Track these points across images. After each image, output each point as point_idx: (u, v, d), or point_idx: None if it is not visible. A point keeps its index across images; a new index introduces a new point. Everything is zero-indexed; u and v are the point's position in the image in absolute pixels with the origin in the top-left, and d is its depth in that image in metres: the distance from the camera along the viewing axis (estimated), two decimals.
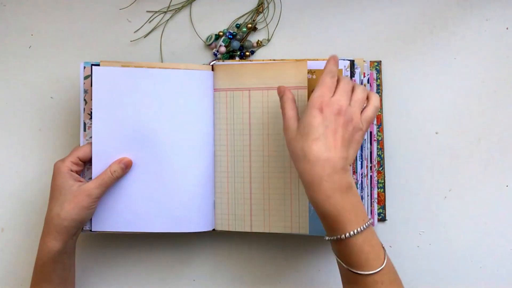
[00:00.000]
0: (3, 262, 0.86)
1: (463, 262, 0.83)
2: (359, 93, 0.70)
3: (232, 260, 0.85)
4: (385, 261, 0.67)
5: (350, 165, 0.68)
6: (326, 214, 0.66)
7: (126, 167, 0.76)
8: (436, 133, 0.84)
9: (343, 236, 0.66)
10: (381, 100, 0.83)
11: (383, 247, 0.68)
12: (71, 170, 0.75)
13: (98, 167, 0.77)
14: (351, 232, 0.66)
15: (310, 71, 0.79)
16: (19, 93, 0.87)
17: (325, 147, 0.66)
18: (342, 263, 0.67)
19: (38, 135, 0.86)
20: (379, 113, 0.83)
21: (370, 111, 0.70)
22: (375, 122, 0.82)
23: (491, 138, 0.83)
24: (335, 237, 0.66)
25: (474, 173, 0.83)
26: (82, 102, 0.79)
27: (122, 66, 0.78)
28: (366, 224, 0.66)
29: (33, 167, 0.86)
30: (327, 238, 0.68)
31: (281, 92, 0.73)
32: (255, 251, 0.84)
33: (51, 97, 0.87)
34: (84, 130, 0.79)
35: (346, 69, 0.78)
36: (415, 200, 0.83)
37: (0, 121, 0.87)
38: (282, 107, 0.71)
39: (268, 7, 0.86)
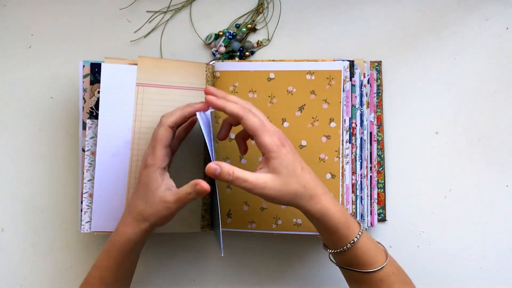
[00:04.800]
0: (3, 262, 0.86)
1: (463, 262, 0.82)
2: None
3: (232, 260, 0.85)
4: (386, 251, 0.70)
5: None
6: (338, 222, 0.67)
7: (199, 193, 0.67)
8: (436, 133, 0.84)
9: (355, 239, 0.68)
10: (381, 100, 0.83)
11: (377, 241, 0.71)
12: (163, 167, 0.70)
13: (102, 163, 0.77)
14: (359, 233, 0.68)
15: (310, 72, 0.79)
16: (19, 93, 0.87)
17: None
18: (352, 269, 0.69)
19: (38, 135, 0.86)
20: (379, 113, 0.83)
21: None
22: (375, 122, 0.82)
23: (491, 138, 0.83)
24: (348, 244, 0.68)
25: (474, 173, 0.83)
26: (81, 101, 0.79)
27: (129, 63, 0.78)
28: (361, 222, 0.70)
29: (33, 167, 0.86)
30: (339, 250, 0.69)
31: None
32: (255, 251, 0.84)
33: (51, 97, 0.87)
34: (84, 128, 0.79)
35: (345, 69, 0.78)
36: (415, 200, 0.83)
37: (0, 121, 0.87)
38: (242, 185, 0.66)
39: (268, 7, 0.86)
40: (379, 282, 0.69)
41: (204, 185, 0.66)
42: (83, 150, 0.79)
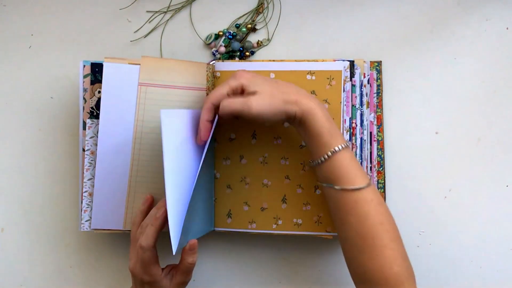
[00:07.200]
0: (3, 262, 0.86)
1: (463, 262, 0.83)
2: None
3: (232, 260, 0.85)
4: (371, 180, 0.70)
5: None
6: (322, 126, 0.69)
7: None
8: (436, 133, 0.84)
9: (336, 148, 0.68)
10: (381, 100, 0.83)
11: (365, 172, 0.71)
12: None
13: (102, 161, 0.77)
14: (342, 145, 0.69)
15: (310, 72, 0.79)
16: (19, 93, 0.87)
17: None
18: (328, 184, 0.69)
19: (38, 135, 0.86)
20: (379, 113, 0.83)
21: None
22: (375, 122, 0.82)
23: (491, 138, 0.83)
24: (328, 153, 0.68)
25: (474, 173, 0.83)
26: (81, 101, 0.79)
27: (129, 63, 0.78)
28: (349, 144, 0.70)
29: (33, 167, 0.86)
30: (320, 159, 0.69)
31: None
32: (255, 251, 0.84)
33: (51, 97, 0.87)
34: (84, 128, 0.79)
35: (345, 69, 0.78)
36: (415, 200, 0.83)
37: (0, 121, 0.87)
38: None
39: (268, 7, 0.86)
40: (353, 204, 0.68)
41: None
42: (83, 150, 0.79)
